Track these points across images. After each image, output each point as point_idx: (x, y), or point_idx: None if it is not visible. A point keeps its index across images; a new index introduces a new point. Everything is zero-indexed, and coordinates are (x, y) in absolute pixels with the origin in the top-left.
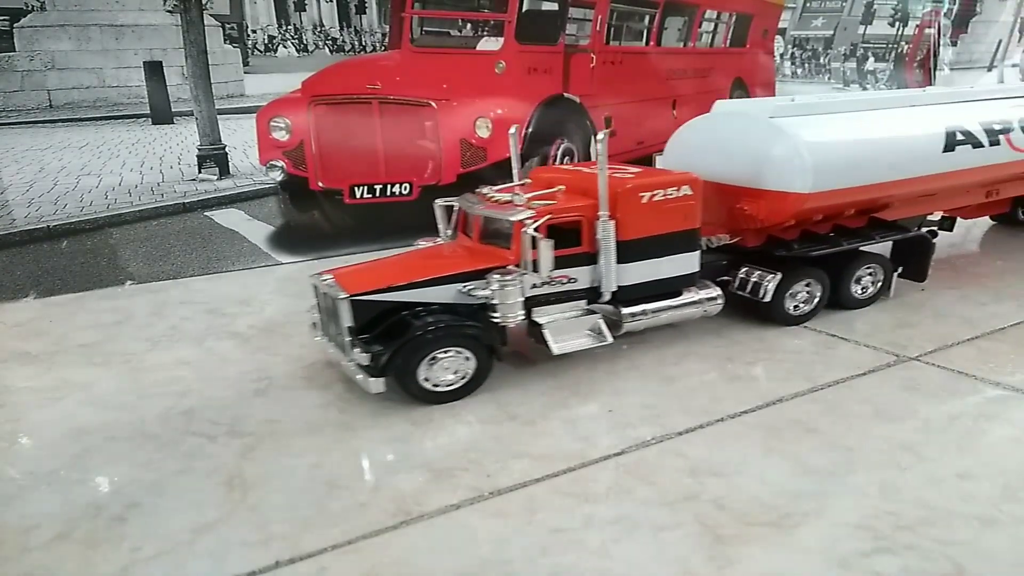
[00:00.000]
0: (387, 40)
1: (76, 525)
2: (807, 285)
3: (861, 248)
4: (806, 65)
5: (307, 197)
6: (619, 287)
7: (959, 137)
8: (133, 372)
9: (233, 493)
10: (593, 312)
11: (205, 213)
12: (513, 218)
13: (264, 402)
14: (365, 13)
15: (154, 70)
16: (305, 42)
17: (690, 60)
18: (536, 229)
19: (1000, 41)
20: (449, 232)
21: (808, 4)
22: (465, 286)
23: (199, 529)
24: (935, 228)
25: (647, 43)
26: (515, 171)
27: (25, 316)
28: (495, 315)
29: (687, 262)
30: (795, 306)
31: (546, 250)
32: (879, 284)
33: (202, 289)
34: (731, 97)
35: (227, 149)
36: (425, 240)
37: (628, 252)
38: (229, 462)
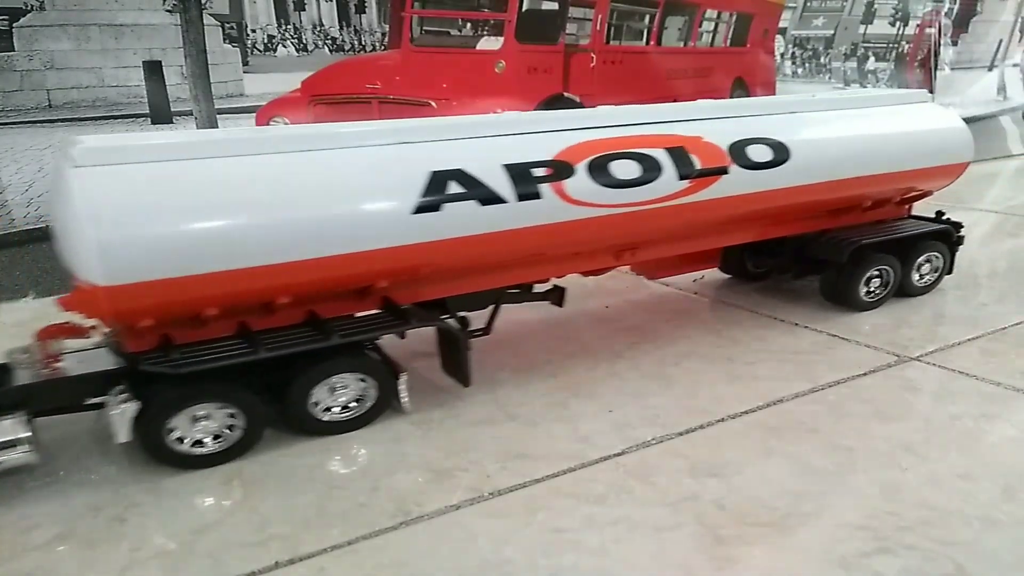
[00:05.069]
0: (387, 40)
1: (76, 525)
2: (225, 409)
3: (340, 347)
4: (807, 65)
5: None
6: None
7: (452, 191)
8: None
9: (232, 493)
10: None
11: None
12: None
13: None
14: (365, 13)
15: (153, 70)
16: (305, 42)
17: (690, 60)
18: None
19: (1001, 41)
20: None
21: (809, 4)
22: None
23: (199, 529)
24: (466, 317)
25: (647, 43)
26: None
27: (24, 316)
28: None
29: None
30: (194, 441)
31: None
32: (375, 399)
33: None
34: (732, 96)
35: None
36: None
37: None
38: (228, 462)
